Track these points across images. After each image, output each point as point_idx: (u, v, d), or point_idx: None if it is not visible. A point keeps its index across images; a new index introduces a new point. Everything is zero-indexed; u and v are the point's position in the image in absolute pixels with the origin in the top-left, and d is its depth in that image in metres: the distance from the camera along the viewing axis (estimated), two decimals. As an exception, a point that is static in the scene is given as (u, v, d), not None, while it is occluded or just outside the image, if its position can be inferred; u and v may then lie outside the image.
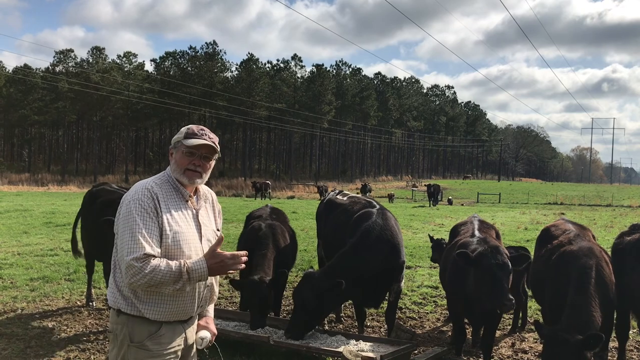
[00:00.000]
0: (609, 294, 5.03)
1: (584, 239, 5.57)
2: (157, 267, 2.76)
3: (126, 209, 2.91)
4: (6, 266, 10.35)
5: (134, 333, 2.91)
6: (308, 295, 5.75)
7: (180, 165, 3.05)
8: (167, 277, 2.77)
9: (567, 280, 4.97)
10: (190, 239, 3.00)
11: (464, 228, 6.58)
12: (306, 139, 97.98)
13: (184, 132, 3.09)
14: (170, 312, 2.95)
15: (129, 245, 2.79)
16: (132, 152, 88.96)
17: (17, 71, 78.29)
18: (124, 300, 2.92)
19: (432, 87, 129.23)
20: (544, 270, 5.60)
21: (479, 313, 5.66)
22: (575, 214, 29.77)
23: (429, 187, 41.29)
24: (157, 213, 2.91)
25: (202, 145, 3.05)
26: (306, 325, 5.86)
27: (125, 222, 2.88)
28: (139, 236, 2.80)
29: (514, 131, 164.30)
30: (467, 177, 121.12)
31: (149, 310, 2.90)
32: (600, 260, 5.13)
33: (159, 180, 3.06)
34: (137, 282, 2.77)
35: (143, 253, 2.76)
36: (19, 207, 23.72)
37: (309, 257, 11.87)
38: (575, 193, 64.83)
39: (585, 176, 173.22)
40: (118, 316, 2.96)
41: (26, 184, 57.59)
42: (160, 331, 2.94)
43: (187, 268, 2.81)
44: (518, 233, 18.60)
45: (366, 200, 7.22)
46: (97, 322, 7.16)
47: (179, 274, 2.79)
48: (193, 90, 76.11)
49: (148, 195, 2.93)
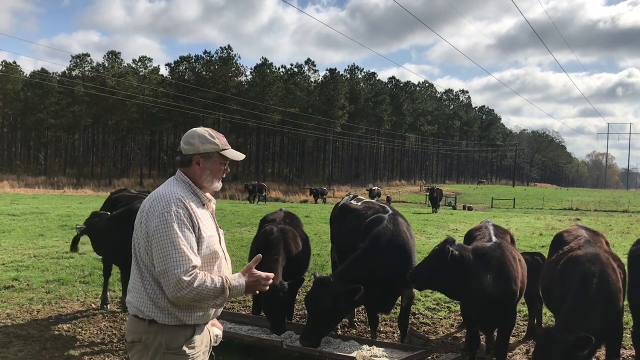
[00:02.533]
0: (614, 302, 5.00)
1: (593, 245, 5.55)
2: (204, 283, 2.79)
3: (162, 221, 2.85)
4: (22, 268, 10.45)
5: (171, 341, 2.89)
6: (324, 300, 5.70)
7: (216, 175, 3.10)
8: (212, 293, 2.82)
9: (570, 286, 4.96)
10: (215, 241, 3.06)
11: (479, 233, 6.55)
12: (319, 143, 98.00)
13: (214, 141, 3.07)
14: (205, 315, 3.01)
15: (174, 259, 2.77)
16: (147, 156, 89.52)
17: (34, 75, 79.29)
18: (160, 311, 2.89)
19: (446, 92, 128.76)
20: (552, 276, 5.58)
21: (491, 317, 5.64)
22: (591, 220, 29.47)
23: (431, 191, 38.36)
24: (194, 223, 2.92)
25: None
26: (322, 331, 5.84)
27: (164, 234, 2.82)
28: (184, 248, 2.80)
29: (529, 136, 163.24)
30: (481, 182, 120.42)
31: (187, 316, 2.92)
32: (605, 267, 5.10)
33: (180, 188, 3.03)
34: (185, 296, 2.77)
35: (191, 265, 2.78)
36: (35, 209, 23.95)
37: (321, 262, 11.86)
38: (590, 199, 64.20)
39: (601, 182, 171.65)
40: (150, 325, 2.91)
41: (42, 187, 58.12)
42: (195, 335, 2.97)
43: (229, 285, 2.87)
44: (533, 239, 18.44)
45: (380, 205, 7.21)
46: (111, 325, 7.21)
47: (221, 290, 2.84)
48: (207, 95, 76.46)
49: (182, 206, 2.91)
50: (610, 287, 5.00)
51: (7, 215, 20.63)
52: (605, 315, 4.84)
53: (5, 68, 79.34)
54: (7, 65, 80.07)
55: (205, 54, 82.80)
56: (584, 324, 4.61)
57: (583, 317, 4.68)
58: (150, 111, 78.24)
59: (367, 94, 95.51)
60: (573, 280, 4.99)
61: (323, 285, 5.81)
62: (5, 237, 14.78)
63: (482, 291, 5.38)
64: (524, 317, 7.80)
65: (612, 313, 4.94)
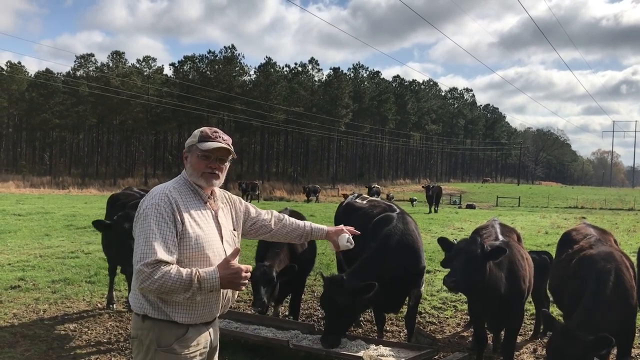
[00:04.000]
0: (629, 299, 4.97)
1: (605, 244, 5.51)
2: (167, 274, 2.72)
3: (143, 215, 2.90)
4: (28, 268, 10.48)
5: (161, 337, 2.89)
6: (339, 299, 5.62)
7: (196, 169, 3.05)
8: (177, 284, 2.73)
9: (585, 285, 4.92)
10: (212, 241, 3.00)
11: (486, 232, 6.52)
12: (324, 142, 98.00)
13: (198, 135, 3.09)
14: (198, 315, 2.95)
15: (142, 250, 2.78)
16: (152, 156, 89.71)
17: (39, 75, 79.54)
18: (150, 305, 2.90)
19: (450, 90, 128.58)
20: (563, 275, 5.54)
21: (499, 316, 5.60)
22: (597, 218, 29.35)
23: (427, 189, 34.93)
24: (176, 219, 2.89)
25: (217, 148, 3.05)
26: (341, 330, 5.81)
27: (141, 227, 2.86)
28: (153, 242, 2.78)
29: (534, 134, 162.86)
30: (486, 180, 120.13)
31: (177, 314, 2.89)
32: (620, 265, 5.06)
33: (177, 185, 3.06)
34: (147, 287, 2.74)
35: (154, 259, 2.73)
36: (41, 209, 24.01)
37: (327, 261, 11.85)
38: (596, 197, 63.99)
39: (606, 180, 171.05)
40: (143, 321, 2.93)
41: (47, 187, 58.29)
42: (187, 334, 2.94)
43: (198, 277, 2.76)
44: (538, 237, 18.38)
45: (386, 204, 7.19)
46: (117, 325, 7.21)
47: (189, 282, 2.74)
48: (212, 94, 76.57)
49: (166, 201, 2.91)
50: (625, 285, 4.97)
51: (13, 215, 20.68)
52: (620, 314, 4.81)
53: (10, 68, 79.58)
54: (12, 66, 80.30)
55: (210, 53, 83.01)
56: (599, 323, 4.58)
57: (599, 316, 4.64)
58: (154, 111, 78.43)
59: (371, 92, 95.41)
60: (588, 279, 4.94)
61: (336, 284, 5.74)
62: (11, 237, 14.82)
63: (494, 290, 5.32)
64: (531, 316, 7.77)
65: (626, 312, 4.91)
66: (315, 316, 7.98)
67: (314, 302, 8.66)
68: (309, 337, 6.14)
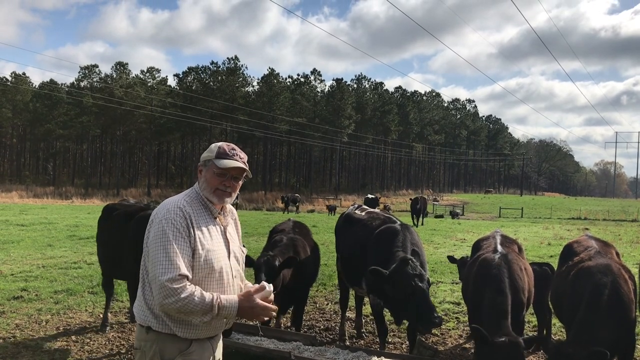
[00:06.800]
0: (627, 312, 4.94)
1: (604, 256, 5.50)
2: (192, 295, 2.75)
3: (159, 228, 2.88)
4: (31, 278, 10.50)
5: (164, 350, 2.90)
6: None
7: (210, 184, 3.05)
8: (199, 307, 2.77)
9: (582, 298, 4.92)
10: (220, 256, 3.01)
11: (486, 243, 6.52)
12: (326, 153, 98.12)
13: (215, 151, 3.08)
14: (201, 330, 2.96)
15: (163, 266, 2.77)
16: (155, 166, 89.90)
17: (43, 86, 79.95)
18: (154, 318, 2.91)
19: (452, 101, 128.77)
20: (562, 287, 5.54)
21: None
22: (600, 230, 29.30)
23: (414, 201, 33.87)
24: (190, 233, 2.90)
25: (234, 168, 3.06)
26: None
27: (158, 241, 2.85)
28: (174, 256, 2.79)
29: (536, 145, 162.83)
30: (488, 191, 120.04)
31: (180, 329, 2.91)
32: (617, 278, 5.04)
33: (189, 198, 3.05)
34: (170, 305, 2.76)
35: (178, 274, 2.75)
36: (44, 220, 24.08)
37: (329, 272, 11.84)
38: (599, 208, 63.83)
39: (609, 191, 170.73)
40: (147, 333, 2.94)
41: (51, 197, 58.44)
42: (191, 348, 2.94)
43: (219, 304, 2.81)
44: (541, 248, 18.35)
45: (385, 215, 7.19)
46: (119, 335, 7.22)
47: (210, 308, 2.79)
48: (215, 105, 76.84)
49: (181, 215, 2.91)
50: (622, 298, 4.94)
51: (16, 226, 20.75)
52: (618, 327, 4.79)
53: (15, 79, 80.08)
54: (17, 77, 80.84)
55: (213, 64, 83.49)
56: (596, 337, 4.56)
57: (595, 329, 4.62)
58: (158, 121, 78.67)
59: (374, 103, 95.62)
60: (584, 292, 4.93)
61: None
62: (14, 247, 14.87)
63: None
64: (533, 328, 7.76)
65: (625, 325, 4.88)
66: (317, 327, 7.97)
67: (316, 314, 8.66)
68: (311, 348, 6.13)
